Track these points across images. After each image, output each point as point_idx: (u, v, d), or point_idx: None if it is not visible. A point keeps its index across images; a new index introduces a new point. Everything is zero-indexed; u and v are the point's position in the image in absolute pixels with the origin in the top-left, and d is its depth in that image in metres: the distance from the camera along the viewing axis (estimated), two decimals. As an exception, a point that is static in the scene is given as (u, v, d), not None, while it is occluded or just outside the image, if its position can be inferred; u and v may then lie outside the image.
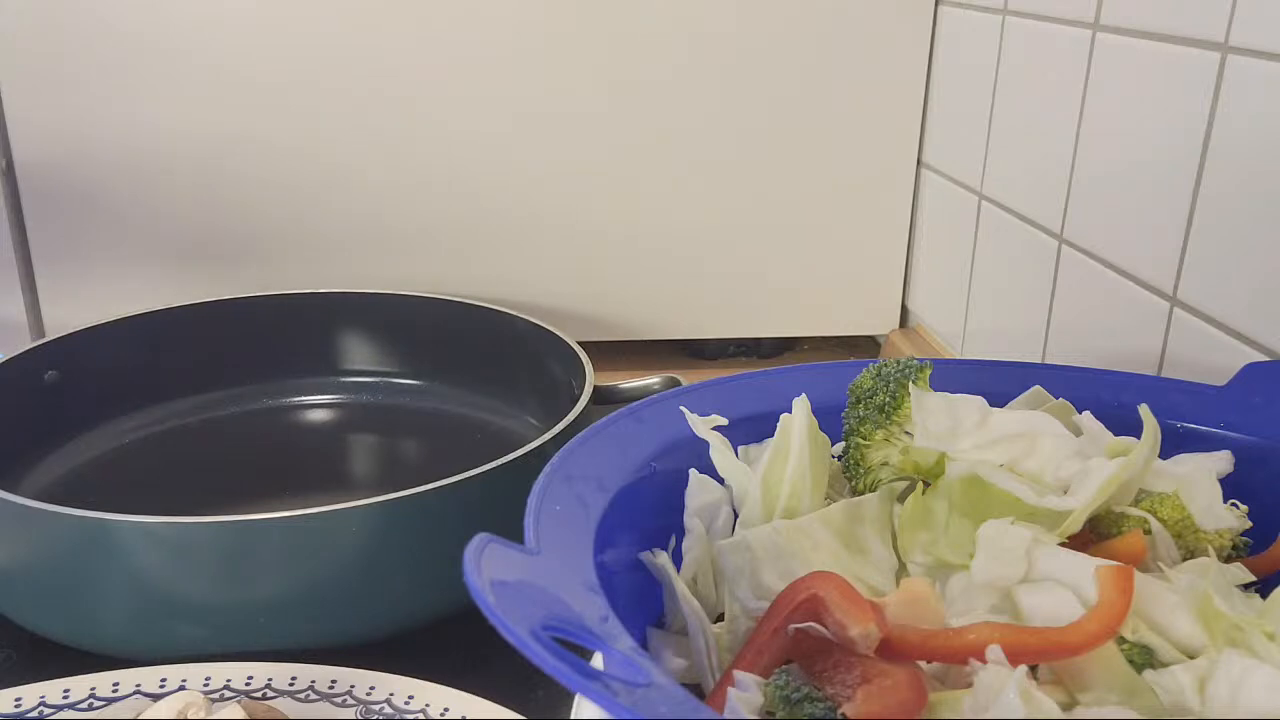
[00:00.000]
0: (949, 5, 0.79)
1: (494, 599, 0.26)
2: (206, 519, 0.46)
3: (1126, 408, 0.39)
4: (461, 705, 0.44)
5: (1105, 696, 0.30)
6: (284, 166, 0.79)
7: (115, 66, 0.75)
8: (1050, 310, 0.66)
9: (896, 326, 0.90)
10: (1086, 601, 0.32)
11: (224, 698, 0.45)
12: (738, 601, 0.35)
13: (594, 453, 0.38)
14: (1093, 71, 0.61)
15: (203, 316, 0.74)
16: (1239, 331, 0.50)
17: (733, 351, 0.91)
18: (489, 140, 0.80)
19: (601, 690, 0.24)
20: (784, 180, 0.83)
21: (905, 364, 0.40)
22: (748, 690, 0.31)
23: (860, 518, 0.37)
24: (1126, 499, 0.37)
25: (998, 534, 0.34)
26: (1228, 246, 0.51)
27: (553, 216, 0.82)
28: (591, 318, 0.85)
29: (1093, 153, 0.61)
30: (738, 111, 0.81)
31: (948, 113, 0.81)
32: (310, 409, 0.75)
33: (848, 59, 0.81)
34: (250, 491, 0.65)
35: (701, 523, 0.38)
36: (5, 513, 0.48)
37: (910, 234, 0.87)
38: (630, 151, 0.81)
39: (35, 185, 0.77)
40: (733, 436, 0.40)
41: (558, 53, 0.78)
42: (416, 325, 0.77)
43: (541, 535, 0.32)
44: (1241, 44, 0.49)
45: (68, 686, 0.45)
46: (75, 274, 0.79)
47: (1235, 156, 0.50)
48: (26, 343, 0.66)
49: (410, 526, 0.50)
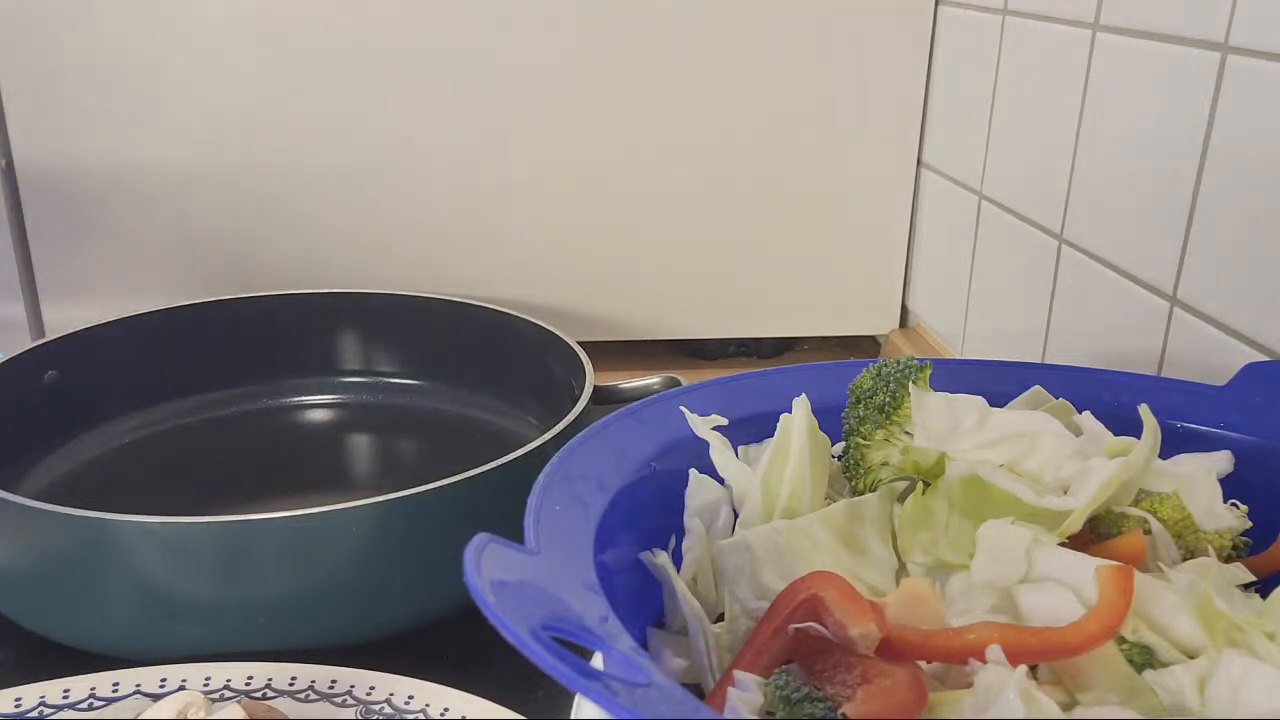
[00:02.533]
0: (949, 5, 0.79)
1: (494, 599, 0.26)
2: (206, 519, 0.46)
3: (1126, 408, 0.39)
4: (461, 705, 0.44)
5: (1105, 696, 0.30)
6: (284, 166, 0.79)
7: (115, 67, 0.75)
8: (1050, 310, 0.66)
9: (896, 326, 0.90)
10: (1086, 601, 0.32)
11: (224, 698, 0.45)
12: (738, 601, 0.35)
13: (594, 453, 0.38)
14: (1093, 71, 0.61)
15: (203, 316, 0.74)
16: (1239, 331, 0.50)
17: (733, 351, 0.91)
18: (489, 140, 0.80)
19: (601, 690, 0.24)
20: (784, 180, 0.83)
21: (905, 364, 0.40)
22: (748, 690, 0.31)
23: (860, 518, 0.37)
24: (1126, 499, 0.37)
25: (998, 534, 0.34)
26: (1228, 246, 0.51)
27: (553, 217, 0.82)
28: (591, 318, 0.85)
29: (1093, 153, 0.61)
30: (738, 111, 0.81)
31: (948, 113, 0.81)
32: (310, 409, 0.75)
33: (848, 59, 0.81)
34: (250, 491, 0.65)
35: (701, 523, 0.38)
36: (5, 513, 0.48)
37: (910, 234, 0.87)
38: (630, 152, 0.81)
39: (35, 185, 0.77)
40: (733, 436, 0.40)
41: (558, 53, 0.78)
42: (416, 325, 0.77)
43: (541, 535, 0.32)
44: (1241, 44, 0.49)
45: (68, 686, 0.45)
46: (75, 274, 0.79)
47: (1235, 156, 0.50)
48: (26, 343, 0.66)
49: (410, 526, 0.50)
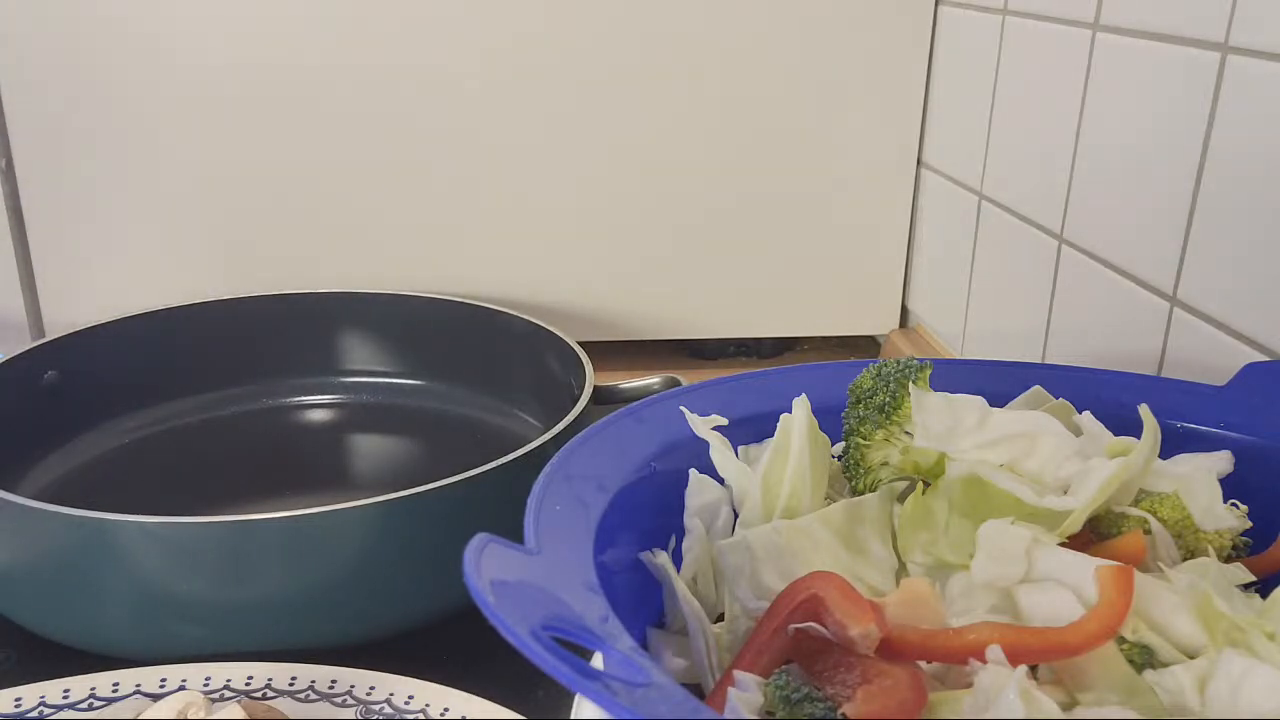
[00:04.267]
0: (949, 5, 0.79)
1: (494, 599, 0.26)
2: (206, 519, 0.46)
3: (1126, 408, 0.39)
4: (461, 705, 0.44)
5: (1105, 696, 0.30)
6: (284, 167, 0.79)
7: (115, 66, 0.75)
8: (1050, 310, 0.66)
9: (896, 326, 0.90)
10: (1086, 601, 0.32)
11: (224, 698, 0.45)
12: (738, 601, 0.35)
13: (594, 453, 0.38)
14: (1093, 71, 0.61)
15: (203, 316, 0.74)
16: (1239, 331, 0.50)
17: (733, 351, 0.91)
18: (489, 140, 0.80)
19: (601, 690, 0.24)
20: (784, 180, 0.83)
21: (905, 364, 0.39)
22: (748, 690, 0.31)
23: (860, 518, 0.37)
24: (1126, 499, 0.37)
25: (998, 534, 0.34)
26: (1228, 246, 0.51)
27: (552, 217, 0.82)
28: (591, 318, 0.85)
29: (1093, 153, 0.61)
30: (738, 111, 0.81)
31: (948, 113, 0.81)
32: (310, 409, 0.75)
33: (848, 59, 0.81)
34: (250, 491, 0.65)
35: (701, 523, 0.38)
36: (5, 513, 0.48)
37: (910, 234, 0.87)
38: (630, 152, 0.81)
39: (35, 185, 0.77)
40: (733, 436, 0.40)
41: (558, 54, 0.78)
42: (416, 325, 0.77)
43: (541, 535, 0.32)
44: (1241, 44, 0.49)
45: (68, 686, 0.45)
46: (75, 274, 0.79)
47: (1235, 156, 0.50)
48: (26, 343, 0.66)
49: (410, 526, 0.50)
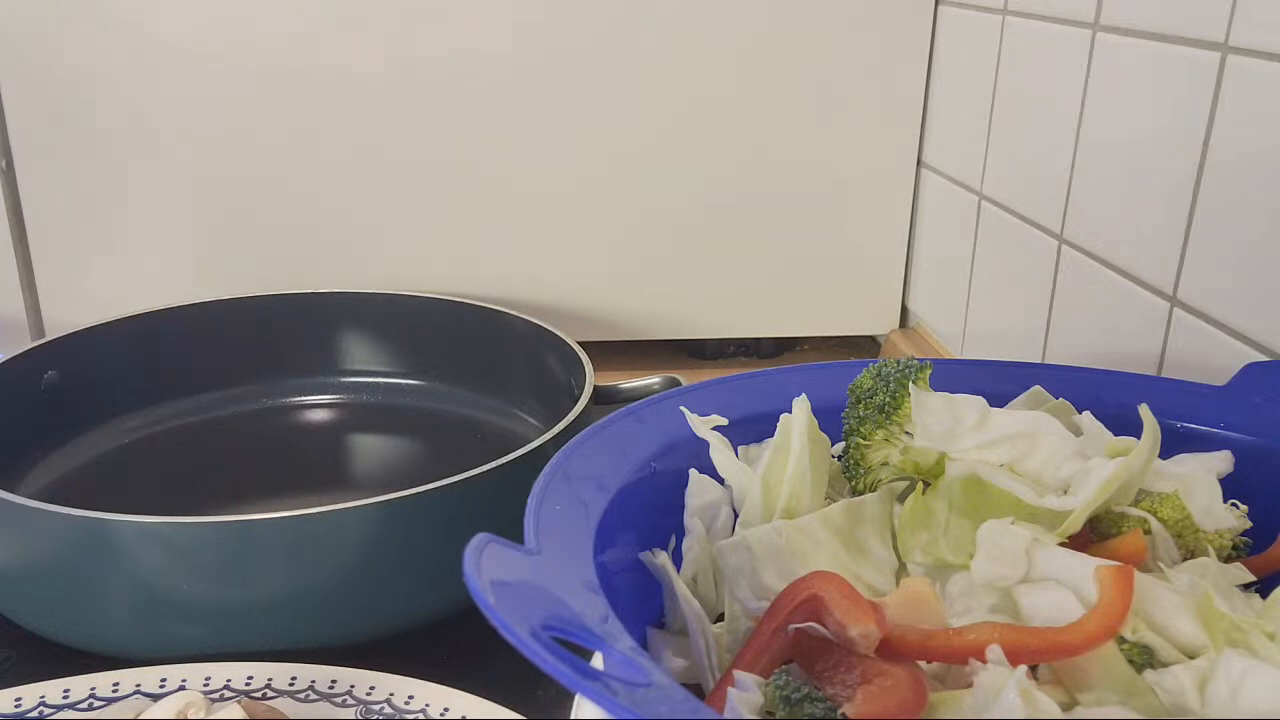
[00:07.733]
0: (949, 5, 0.79)
1: (494, 599, 0.26)
2: (206, 519, 0.46)
3: (1126, 408, 0.39)
4: (461, 705, 0.44)
5: (1105, 696, 0.30)
6: (285, 166, 0.79)
7: (115, 66, 0.75)
8: (1050, 310, 0.66)
9: (896, 326, 0.90)
10: (1086, 601, 0.32)
11: (224, 698, 0.45)
12: (738, 601, 0.35)
13: (594, 453, 0.38)
14: (1093, 71, 0.61)
15: (203, 316, 0.74)
16: (1239, 331, 0.50)
17: (733, 351, 0.91)
18: (489, 140, 0.80)
19: (601, 690, 0.24)
20: (784, 180, 0.83)
21: (905, 364, 0.39)
22: (748, 690, 0.31)
23: (860, 518, 0.37)
24: (1126, 499, 0.37)
25: (998, 534, 0.34)
26: (1228, 246, 0.51)
27: (553, 217, 0.82)
28: (591, 318, 0.85)
29: (1093, 153, 0.61)
30: (737, 111, 0.81)
31: (948, 113, 0.81)
32: (310, 409, 0.75)
33: (847, 59, 0.81)
34: (250, 491, 0.65)
35: (701, 523, 0.38)
36: (5, 513, 0.48)
37: (910, 234, 0.87)
38: (630, 152, 0.81)
39: (35, 185, 0.77)
40: (733, 436, 0.40)
41: (558, 54, 0.78)
42: (416, 325, 0.77)
43: (541, 535, 0.32)
44: (1241, 44, 0.49)
45: (68, 686, 0.45)
46: (75, 274, 0.79)
47: (1235, 156, 0.50)
48: (26, 343, 0.66)
49: (410, 526, 0.50)
